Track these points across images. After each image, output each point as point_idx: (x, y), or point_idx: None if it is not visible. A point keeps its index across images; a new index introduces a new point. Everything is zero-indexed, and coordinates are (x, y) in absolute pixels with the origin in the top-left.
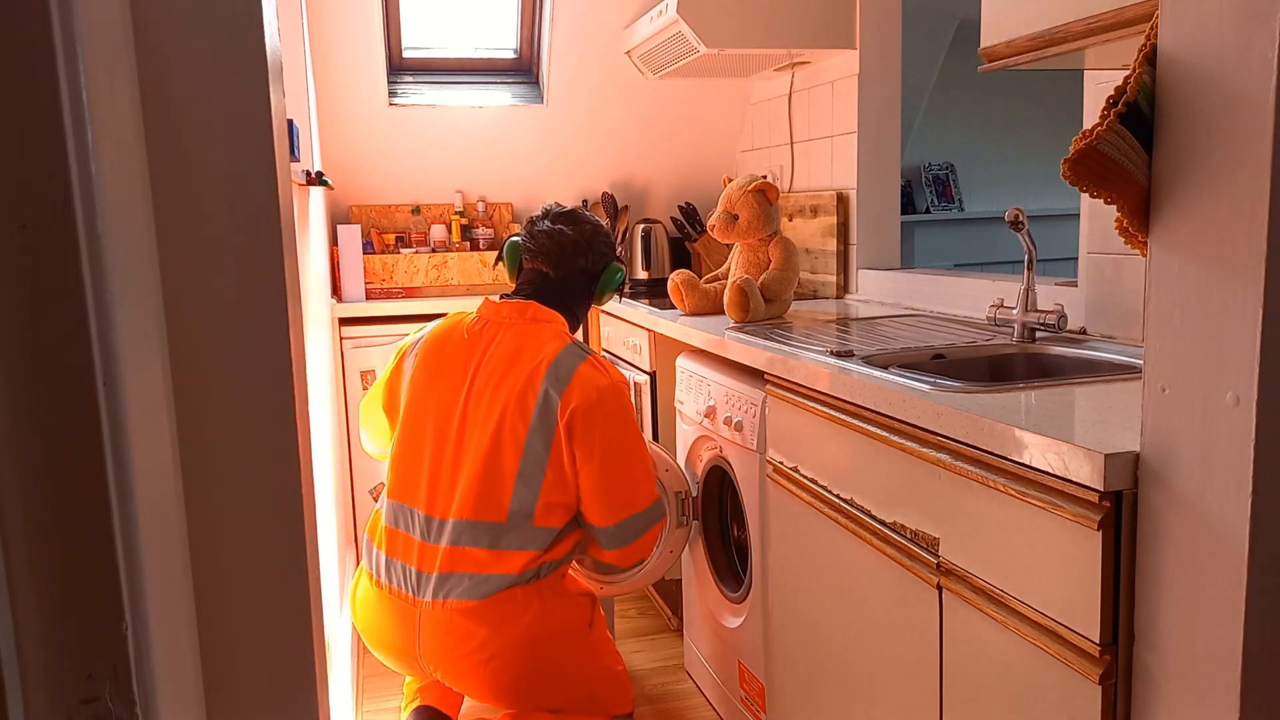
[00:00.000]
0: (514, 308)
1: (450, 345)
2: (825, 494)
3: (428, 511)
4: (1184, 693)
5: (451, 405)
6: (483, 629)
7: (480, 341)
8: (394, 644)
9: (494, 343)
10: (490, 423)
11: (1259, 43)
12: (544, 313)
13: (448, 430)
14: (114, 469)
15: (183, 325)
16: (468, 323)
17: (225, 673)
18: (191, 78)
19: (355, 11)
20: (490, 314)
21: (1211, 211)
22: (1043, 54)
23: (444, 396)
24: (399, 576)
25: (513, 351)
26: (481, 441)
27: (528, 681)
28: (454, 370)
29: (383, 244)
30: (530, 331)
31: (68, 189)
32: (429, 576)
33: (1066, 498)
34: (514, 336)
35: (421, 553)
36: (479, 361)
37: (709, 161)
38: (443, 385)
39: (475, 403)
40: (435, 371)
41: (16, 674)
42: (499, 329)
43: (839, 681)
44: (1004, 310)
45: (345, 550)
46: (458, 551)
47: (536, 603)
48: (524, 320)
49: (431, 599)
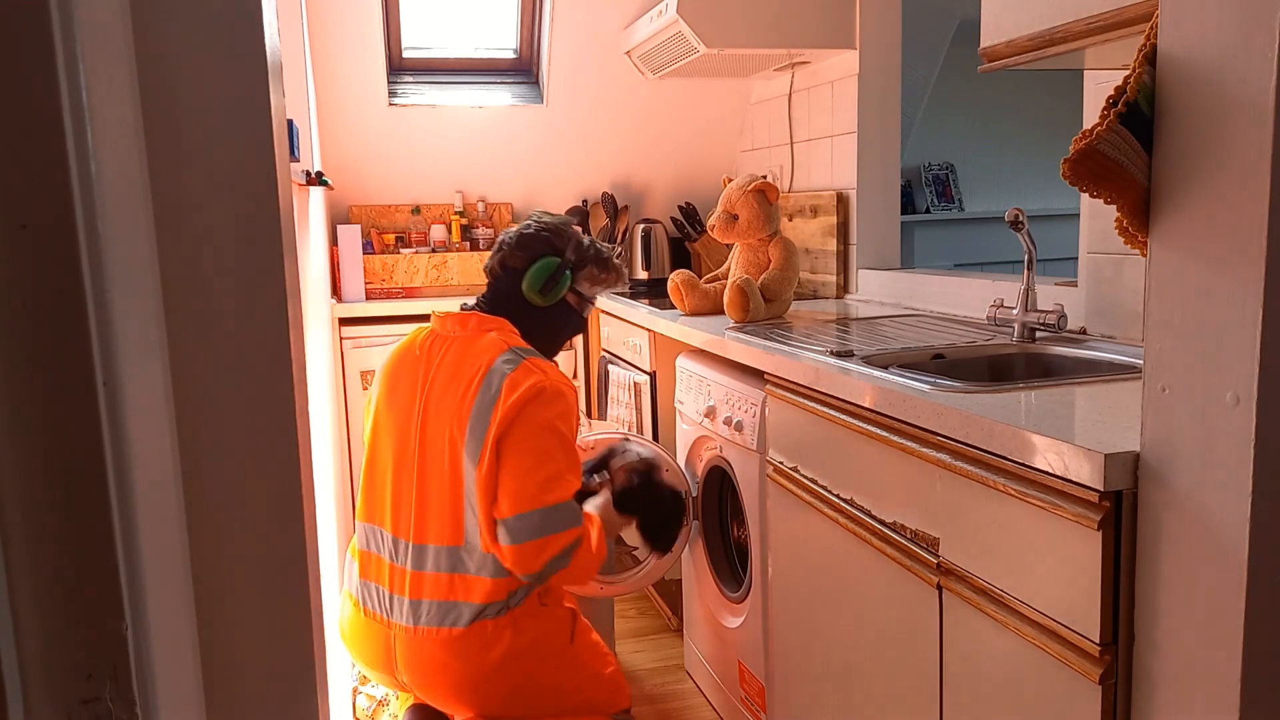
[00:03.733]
0: (458, 319)
1: (405, 363)
2: (825, 494)
3: (395, 533)
4: (1184, 693)
5: (405, 425)
6: (456, 660)
7: (429, 357)
8: (374, 663)
9: (441, 358)
10: (439, 441)
11: (1259, 43)
12: (488, 321)
13: (404, 451)
14: (114, 469)
15: (183, 325)
16: (420, 338)
17: (225, 673)
18: (191, 78)
19: (355, 11)
20: (439, 327)
21: (1211, 211)
22: (1043, 54)
23: (399, 416)
24: (374, 599)
25: (455, 365)
26: (432, 461)
27: (510, 702)
28: (406, 388)
29: (383, 244)
30: (473, 341)
31: (68, 189)
32: (401, 600)
33: (1066, 498)
34: (458, 349)
35: (392, 575)
36: (426, 378)
37: (709, 161)
38: (398, 404)
39: (425, 421)
40: (392, 390)
41: (16, 674)
42: (445, 343)
43: (839, 681)
44: (1004, 310)
45: (345, 550)
46: (422, 576)
47: (508, 633)
48: (465, 331)
49: (404, 624)
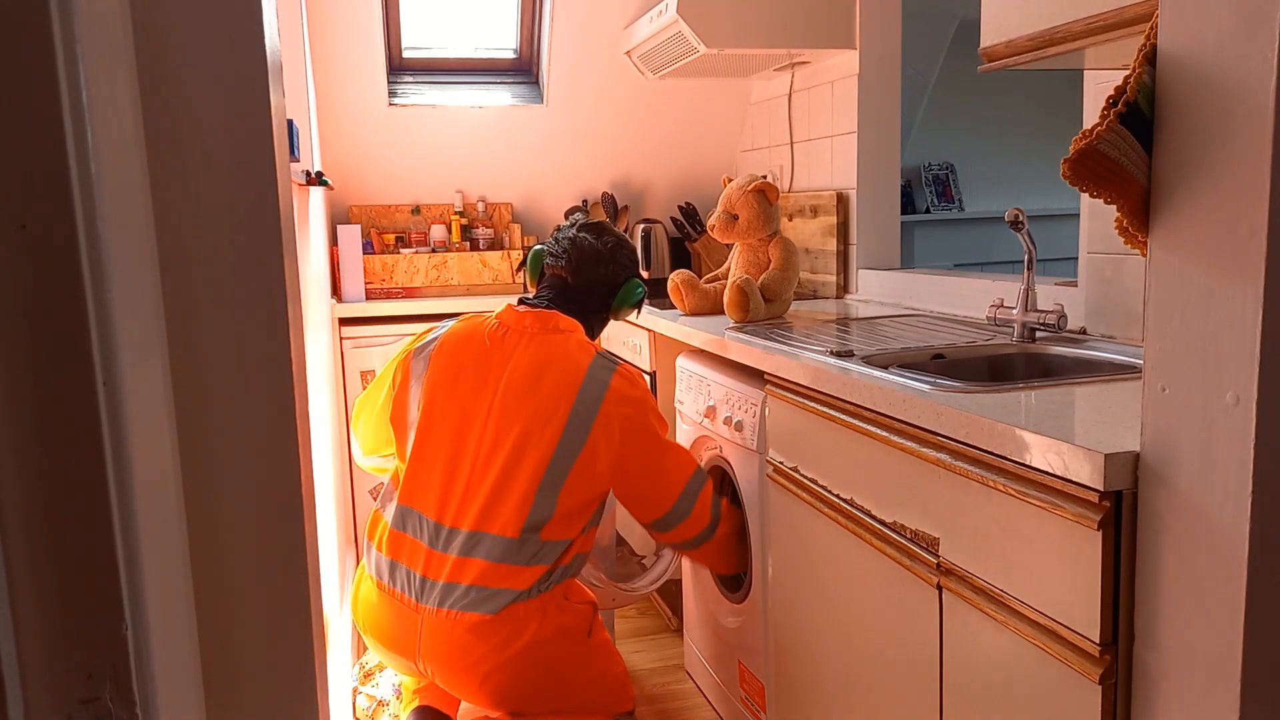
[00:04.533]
0: (536, 317)
1: (470, 351)
2: (825, 494)
3: (438, 519)
4: (1184, 693)
5: (473, 414)
6: (482, 644)
7: (502, 350)
8: (395, 645)
9: (517, 352)
10: (513, 435)
11: (1259, 43)
12: (566, 322)
13: (467, 439)
14: (114, 469)
15: (183, 325)
16: (488, 328)
17: (225, 673)
18: (191, 78)
19: (355, 11)
20: (512, 321)
21: (1211, 211)
22: (1043, 54)
23: (465, 404)
24: (403, 580)
25: (539, 364)
26: (504, 454)
27: (526, 691)
28: (475, 378)
29: (383, 244)
30: (555, 343)
31: (68, 189)
32: (434, 584)
33: (1066, 498)
34: (538, 347)
35: (428, 559)
36: (503, 372)
37: (709, 161)
38: (463, 392)
39: (499, 414)
40: (454, 378)
41: (16, 674)
42: (521, 338)
43: (839, 681)
44: (1004, 310)
45: (345, 550)
46: (467, 562)
47: (537, 617)
48: (546, 331)
49: (435, 607)
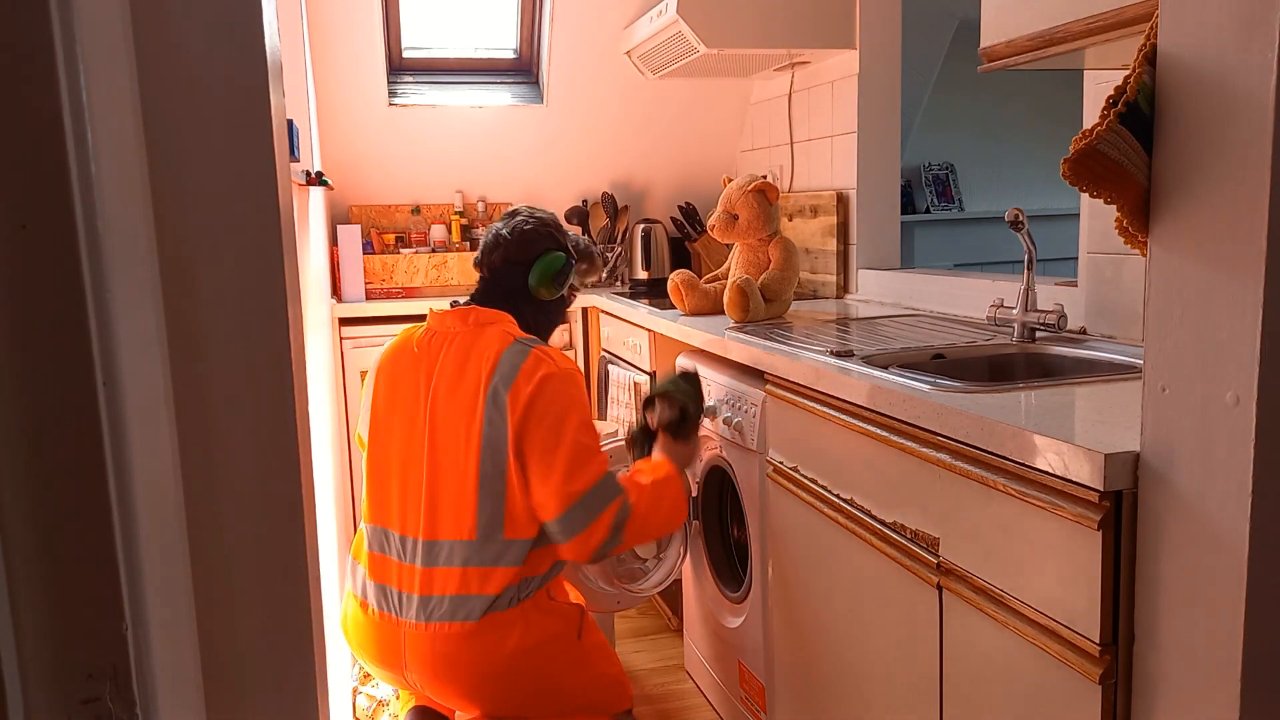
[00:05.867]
0: (457, 315)
1: (403, 362)
2: (825, 494)
3: (402, 533)
4: (1184, 693)
5: (411, 423)
6: (466, 654)
7: (429, 354)
8: (382, 661)
9: (442, 354)
10: (449, 436)
11: (1259, 43)
12: (486, 315)
13: (411, 449)
14: (114, 469)
15: (183, 325)
16: (417, 336)
17: (225, 673)
18: (191, 78)
19: (355, 11)
20: (436, 324)
21: (1211, 211)
22: (1043, 54)
23: (404, 415)
24: (382, 599)
25: (460, 360)
26: (443, 456)
27: (516, 699)
28: (409, 387)
29: (383, 244)
30: (475, 336)
31: (68, 189)
32: (411, 597)
33: (1066, 498)
34: (460, 344)
35: (400, 574)
36: (430, 375)
37: (709, 161)
38: (401, 403)
39: (433, 418)
40: (392, 390)
41: (16, 674)
42: (445, 339)
43: (839, 682)
44: (1004, 310)
45: (345, 550)
46: (434, 572)
47: (519, 625)
48: (467, 326)
49: (414, 620)
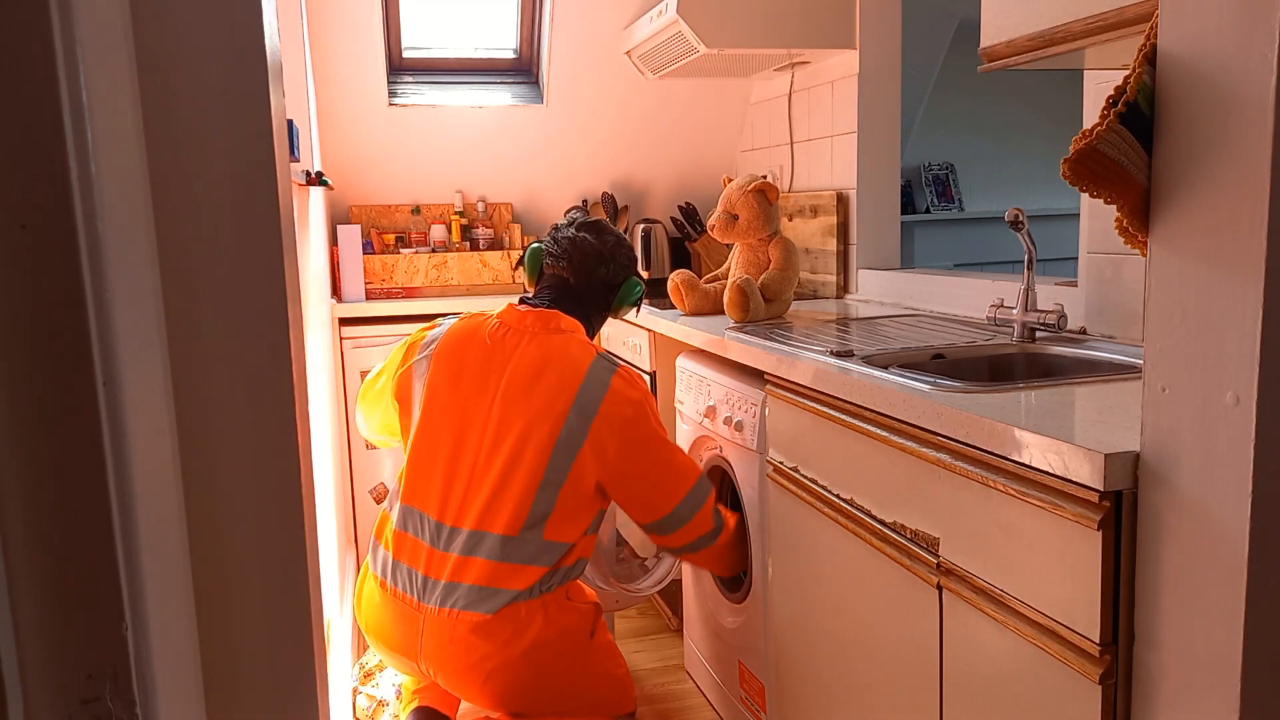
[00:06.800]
0: (537, 317)
1: (471, 351)
2: (825, 494)
3: (439, 518)
4: (1184, 693)
5: (473, 414)
6: (485, 643)
7: (503, 350)
8: (396, 645)
9: (518, 352)
10: (513, 435)
11: (1259, 43)
12: (567, 322)
13: (468, 439)
14: (114, 469)
15: (183, 325)
16: (489, 328)
17: (225, 673)
18: (191, 78)
19: (355, 11)
20: (513, 321)
21: (1211, 211)
22: (1042, 54)
23: (465, 404)
24: (405, 580)
25: (539, 363)
26: (503, 453)
27: (528, 692)
28: (476, 378)
29: (383, 244)
30: (556, 343)
31: (68, 189)
32: (436, 583)
33: (1066, 498)
34: (539, 347)
35: (429, 558)
36: (504, 372)
37: (709, 161)
38: (463, 392)
39: (500, 413)
40: (455, 377)
41: (16, 674)
42: (522, 337)
43: (839, 681)
44: (1004, 310)
45: (345, 550)
46: (467, 561)
47: (540, 617)
48: (547, 331)
49: (437, 606)
